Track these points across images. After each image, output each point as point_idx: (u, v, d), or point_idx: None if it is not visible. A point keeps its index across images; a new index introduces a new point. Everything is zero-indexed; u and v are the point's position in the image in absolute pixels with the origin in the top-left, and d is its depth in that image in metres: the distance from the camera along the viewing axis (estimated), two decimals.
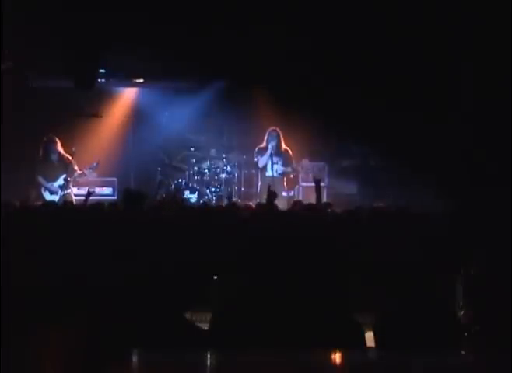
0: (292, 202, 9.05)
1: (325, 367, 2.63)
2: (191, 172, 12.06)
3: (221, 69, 11.32)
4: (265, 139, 10.92)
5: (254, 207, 8.01)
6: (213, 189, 11.96)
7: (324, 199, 10.30)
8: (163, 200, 9.90)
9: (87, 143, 12.05)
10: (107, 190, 11.87)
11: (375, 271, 4.43)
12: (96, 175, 11.20)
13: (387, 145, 11.38)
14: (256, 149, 11.07)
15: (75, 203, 9.82)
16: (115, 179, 12.08)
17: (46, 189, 10.53)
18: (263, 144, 10.97)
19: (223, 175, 12.01)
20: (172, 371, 2.55)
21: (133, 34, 9.95)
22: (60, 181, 10.51)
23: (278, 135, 10.91)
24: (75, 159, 10.62)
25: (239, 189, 12.05)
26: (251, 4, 9.58)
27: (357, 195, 12.04)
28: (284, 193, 11.10)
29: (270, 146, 10.80)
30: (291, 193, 11.62)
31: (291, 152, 11.05)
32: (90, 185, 11.11)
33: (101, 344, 2.70)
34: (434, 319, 3.31)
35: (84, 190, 10.74)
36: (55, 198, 10.27)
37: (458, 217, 5.81)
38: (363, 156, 12.41)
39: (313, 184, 9.00)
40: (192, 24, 9.91)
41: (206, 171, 12.04)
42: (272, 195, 7.59)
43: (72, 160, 10.56)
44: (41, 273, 3.80)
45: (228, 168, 12.04)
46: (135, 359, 2.61)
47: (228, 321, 3.23)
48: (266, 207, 7.29)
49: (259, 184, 11.26)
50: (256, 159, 11.11)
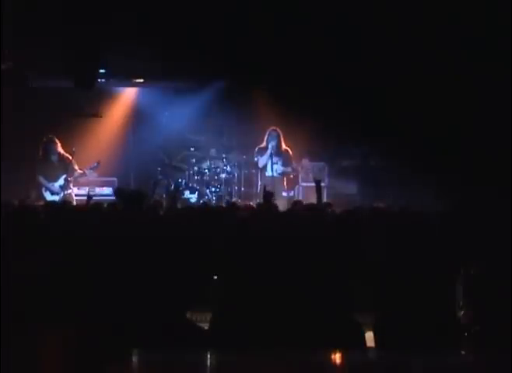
0: (292, 202, 9.04)
1: (325, 367, 2.63)
2: (191, 172, 12.06)
3: (221, 69, 11.31)
4: (265, 139, 10.92)
5: (255, 207, 8.00)
6: (213, 189, 11.96)
7: (324, 199, 10.29)
8: (162, 200, 9.89)
9: (87, 143, 12.05)
10: (107, 190, 11.85)
11: (375, 271, 4.42)
12: (96, 175, 11.19)
13: (387, 145, 11.38)
14: (256, 149, 11.06)
15: (76, 203, 9.82)
16: (115, 179, 12.07)
17: (47, 189, 10.53)
18: (263, 144, 10.96)
19: (223, 175, 12.01)
20: (172, 371, 2.55)
21: (133, 34, 9.94)
22: (60, 181, 10.51)
23: (278, 135, 10.91)
24: (75, 159, 10.62)
25: (239, 189, 12.05)
26: (251, 4, 9.58)
27: (357, 195, 12.03)
28: (284, 193, 11.10)
29: (270, 146, 10.79)
30: (291, 193, 11.61)
31: (291, 152, 11.05)
32: (90, 185, 11.12)
33: (101, 344, 2.70)
34: (434, 319, 3.30)
35: (84, 190, 10.75)
36: (56, 198, 10.27)
37: (458, 217, 5.81)
38: (363, 156, 12.40)
39: (313, 184, 9.00)
40: (192, 24, 9.91)
41: (206, 171, 12.04)
42: (268, 195, 7.60)
43: (72, 160, 10.56)
44: (41, 272, 3.80)
45: (228, 168, 12.04)
46: (135, 359, 2.61)
47: (228, 321, 3.23)
48: (264, 207, 7.29)
49: (259, 184, 11.26)
50: (256, 159, 11.10)
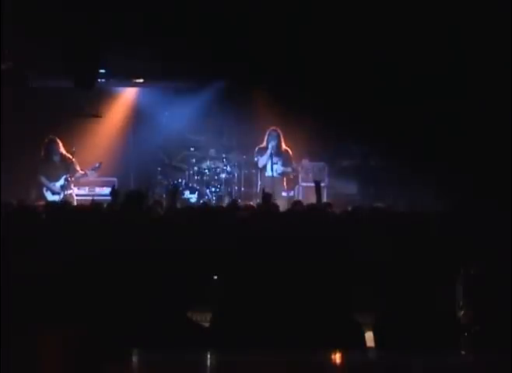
0: (292, 202, 9.04)
1: (325, 367, 2.63)
2: (191, 172, 12.07)
3: (221, 69, 11.31)
4: (265, 139, 10.92)
5: (255, 207, 8.00)
6: (213, 189, 11.96)
7: (324, 199, 10.30)
8: (162, 200, 9.89)
9: (87, 143, 12.05)
10: (107, 190, 11.84)
11: (375, 271, 4.42)
12: (97, 175, 11.19)
13: (387, 145, 11.38)
14: (256, 149, 11.07)
15: (76, 203, 9.83)
16: (115, 179, 12.07)
17: (48, 189, 10.54)
18: (263, 144, 10.96)
19: (223, 175, 12.01)
20: (172, 371, 2.55)
21: (133, 34, 9.94)
22: (61, 181, 10.52)
23: (278, 135, 10.91)
24: (76, 159, 10.62)
25: (239, 189, 12.05)
26: (251, 4, 9.57)
27: (357, 195, 12.04)
28: (284, 193, 11.11)
29: (270, 146, 10.79)
30: (291, 193, 11.61)
31: (291, 152, 11.05)
32: (90, 185, 11.12)
33: (101, 344, 2.70)
34: (434, 319, 3.30)
35: (84, 190, 10.76)
36: (57, 198, 10.28)
37: (458, 217, 5.81)
38: (363, 156, 12.40)
39: (313, 184, 9.00)
40: (192, 24, 9.91)
41: (206, 171, 12.04)
42: (267, 196, 7.61)
43: (74, 160, 10.57)
44: (41, 272, 3.80)
45: (228, 168, 12.04)
46: (135, 359, 2.61)
47: (228, 321, 3.23)
48: (264, 207, 7.30)
49: (259, 184, 11.27)
50: (256, 159, 11.11)
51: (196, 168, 12.06)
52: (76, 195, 10.68)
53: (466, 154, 10.39)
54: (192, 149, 12.41)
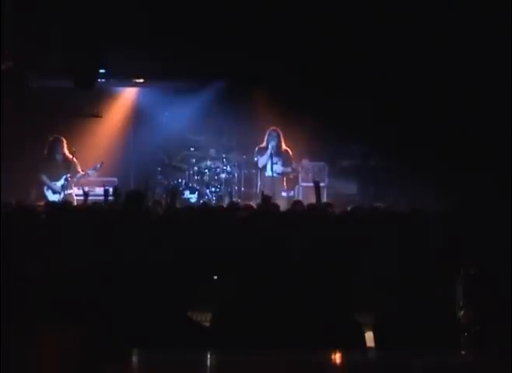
0: (292, 202, 9.04)
1: (325, 367, 2.63)
2: (191, 172, 12.07)
3: (221, 69, 11.31)
4: (265, 139, 10.93)
5: (255, 207, 8.01)
6: (213, 189, 11.96)
7: (324, 199, 10.31)
8: (162, 200, 9.89)
9: (87, 143, 12.05)
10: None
11: (375, 271, 4.43)
12: (97, 175, 11.19)
13: (387, 145, 11.38)
14: (256, 149, 11.07)
15: (76, 203, 9.83)
16: (115, 179, 12.07)
17: (49, 188, 10.55)
18: (263, 144, 10.97)
19: (223, 175, 12.01)
20: (172, 371, 2.55)
21: (133, 34, 9.94)
22: (62, 181, 10.53)
23: (278, 135, 10.92)
24: (76, 159, 10.63)
25: (239, 189, 12.05)
26: (251, 4, 9.58)
27: (357, 195, 12.03)
28: (284, 193, 11.11)
29: (270, 146, 10.80)
30: (291, 193, 11.61)
31: (291, 152, 11.05)
32: (90, 185, 11.11)
33: (101, 344, 2.70)
34: (434, 319, 3.30)
35: (80, 190, 10.75)
36: (57, 198, 10.29)
37: (458, 217, 5.81)
38: (363, 156, 12.40)
39: (313, 184, 9.00)
40: (192, 24, 9.91)
41: (206, 171, 12.04)
42: (266, 198, 7.63)
43: (75, 160, 10.58)
44: (41, 272, 3.80)
45: (228, 168, 12.04)
46: (135, 359, 2.61)
47: (228, 321, 3.23)
48: (263, 207, 7.30)
49: (259, 184, 11.27)
50: (256, 159, 11.11)
51: (196, 168, 12.07)
52: (76, 195, 10.67)
53: (466, 154, 10.39)
54: (192, 149, 12.42)
